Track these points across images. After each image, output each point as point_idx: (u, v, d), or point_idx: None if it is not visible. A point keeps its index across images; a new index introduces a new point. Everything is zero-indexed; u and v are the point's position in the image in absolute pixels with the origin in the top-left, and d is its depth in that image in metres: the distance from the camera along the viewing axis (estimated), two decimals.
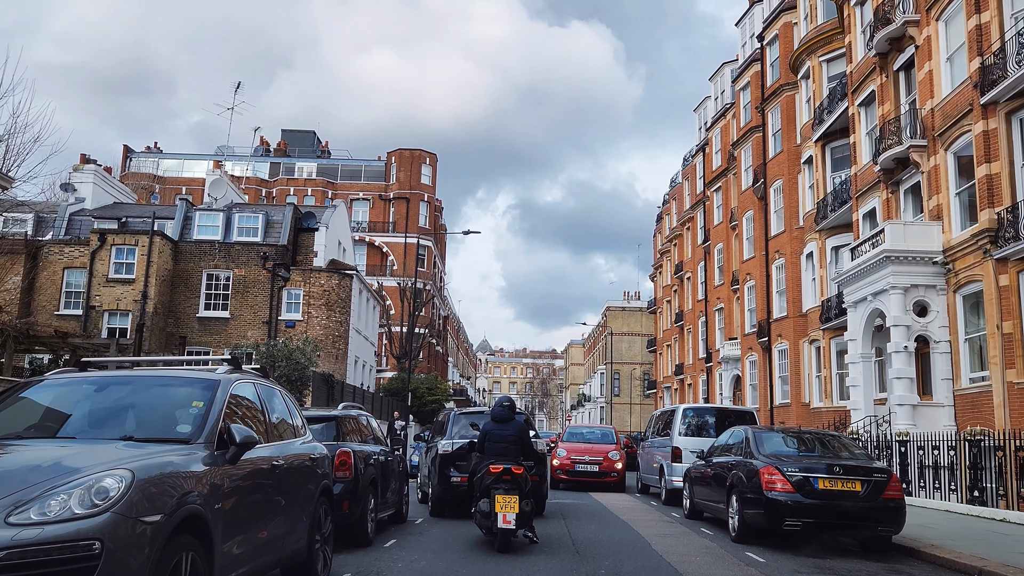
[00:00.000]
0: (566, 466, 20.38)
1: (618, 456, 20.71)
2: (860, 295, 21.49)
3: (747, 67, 38.37)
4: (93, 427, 4.90)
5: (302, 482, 6.35)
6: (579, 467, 20.29)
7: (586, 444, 21.54)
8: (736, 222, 39.83)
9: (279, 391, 6.77)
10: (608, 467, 20.40)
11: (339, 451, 9.05)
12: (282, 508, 5.80)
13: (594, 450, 20.83)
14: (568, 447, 21.18)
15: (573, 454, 20.60)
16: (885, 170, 22.15)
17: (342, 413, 9.90)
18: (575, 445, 21.40)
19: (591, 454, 20.56)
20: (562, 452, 20.86)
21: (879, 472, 9.78)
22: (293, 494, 6.12)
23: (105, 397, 5.21)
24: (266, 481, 5.50)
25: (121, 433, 4.73)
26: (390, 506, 11.16)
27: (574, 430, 23.86)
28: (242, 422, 5.48)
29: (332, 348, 31.63)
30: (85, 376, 5.49)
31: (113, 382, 5.40)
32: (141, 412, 5.12)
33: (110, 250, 29.78)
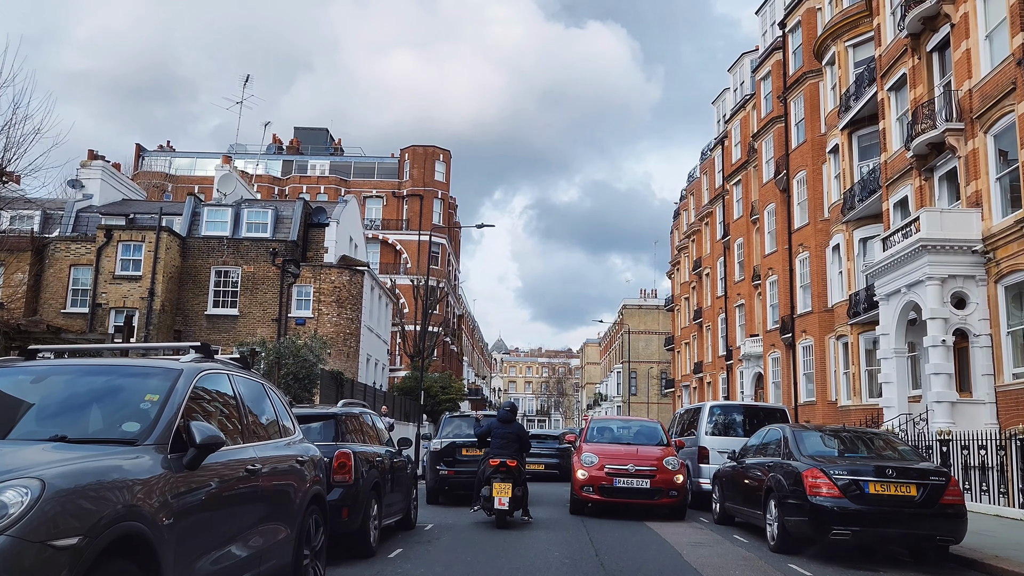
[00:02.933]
0: (600, 481, 13.09)
1: (677, 465, 13.43)
2: (893, 287, 20.45)
3: (768, 56, 37.28)
4: (21, 425, 4.07)
5: (287, 488, 5.52)
6: (620, 482, 13.04)
7: (624, 446, 14.25)
8: (757, 216, 38.75)
9: (263, 385, 5.94)
10: (665, 482, 13.11)
11: (338, 452, 8.21)
12: (260, 520, 4.97)
13: (640, 455, 13.55)
14: (598, 451, 13.69)
15: (609, 462, 13.24)
16: (918, 156, 21.09)
17: (342, 411, 9.06)
18: (608, 448, 13.99)
19: (636, 461, 13.29)
20: (590, 458, 13.39)
21: (936, 475, 8.82)
22: (275, 503, 5.28)
23: (41, 390, 4.38)
24: (239, 489, 4.66)
25: (52, 432, 3.89)
26: (396, 512, 10.31)
27: (602, 424, 15.96)
28: (210, 420, 4.64)
29: (343, 346, 30.87)
30: (23, 365, 4.67)
31: (54, 372, 4.57)
32: (81, 407, 4.28)
33: (116, 247, 29.16)
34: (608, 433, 15.29)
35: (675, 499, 13.21)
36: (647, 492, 13.09)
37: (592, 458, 13.42)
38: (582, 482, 13.28)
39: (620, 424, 16.39)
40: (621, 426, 16.10)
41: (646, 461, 13.32)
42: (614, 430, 15.58)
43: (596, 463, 13.31)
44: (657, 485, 13.04)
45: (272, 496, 5.19)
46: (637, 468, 13.15)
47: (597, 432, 15.20)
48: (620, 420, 18.26)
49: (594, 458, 13.40)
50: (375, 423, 10.29)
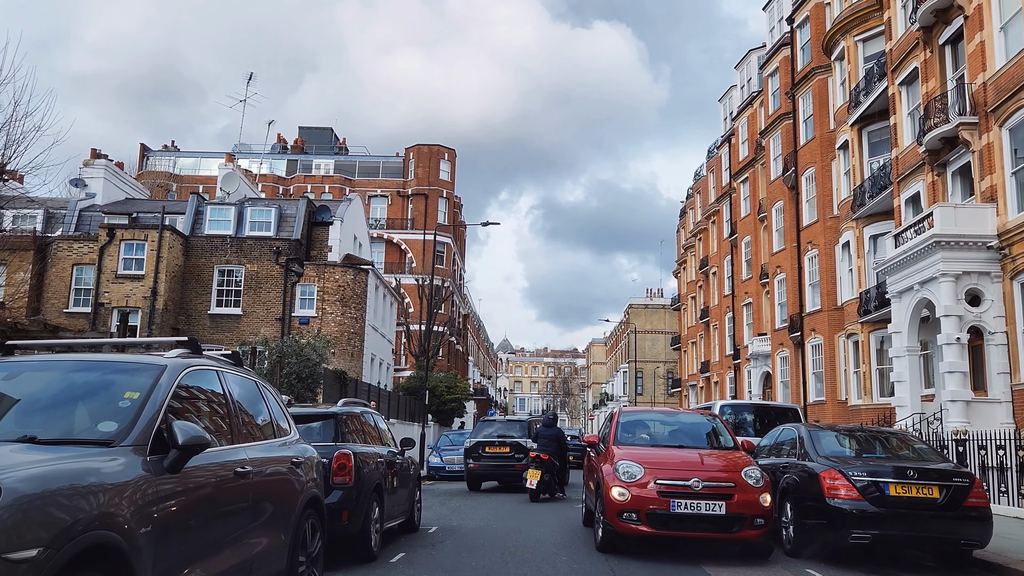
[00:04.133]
0: (649, 504, 8.84)
1: (760, 478, 9.09)
2: (905, 284, 20.09)
3: (776, 52, 36.90)
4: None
5: (281, 492, 5.23)
6: (681, 506, 8.77)
7: (674, 450, 9.90)
8: (765, 213, 38.37)
9: (257, 382, 5.64)
10: (746, 505, 8.81)
11: (337, 453, 7.92)
12: (251, 525, 4.67)
13: (705, 465, 9.30)
14: (640, 457, 9.46)
15: (660, 475, 9.00)
16: (931, 151, 20.71)
17: (342, 410, 8.76)
18: (654, 454, 9.69)
19: (701, 473, 8.97)
20: (630, 469, 9.16)
21: (959, 476, 8.49)
22: (268, 507, 4.99)
23: (13, 387, 4.08)
24: (227, 493, 4.37)
25: (21, 433, 3.60)
26: (399, 514, 10.02)
27: (634, 418, 11.40)
28: (197, 419, 4.34)
29: (347, 345, 30.61)
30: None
31: (28, 369, 4.28)
32: (55, 406, 3.99)
33: (119, 245, 28.94)
34: (644, 431, 10.84)
35: (761, 530, 8.82)
36: (722, 521, 8.65)
37: (633, 469, 8.97)
38: (621, 505, 8.76)
39: (661, 418, 11.57)
40: (663, 420, 11.33)
41: (716, 473, 8.94)
42: (654, 426, 11.02)
43: (640, 477, 8.87)
44: (736, 510, 8.62)
45: (264, 500, 4.90)
46: (706, 485, 8.67)
47: (629, 430, 10.60)
48: (660, 413, 12.37)
49: (636, 469, 8.96)
50: (377, 423, 9.99)
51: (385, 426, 10.55)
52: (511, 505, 15.43)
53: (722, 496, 8.71)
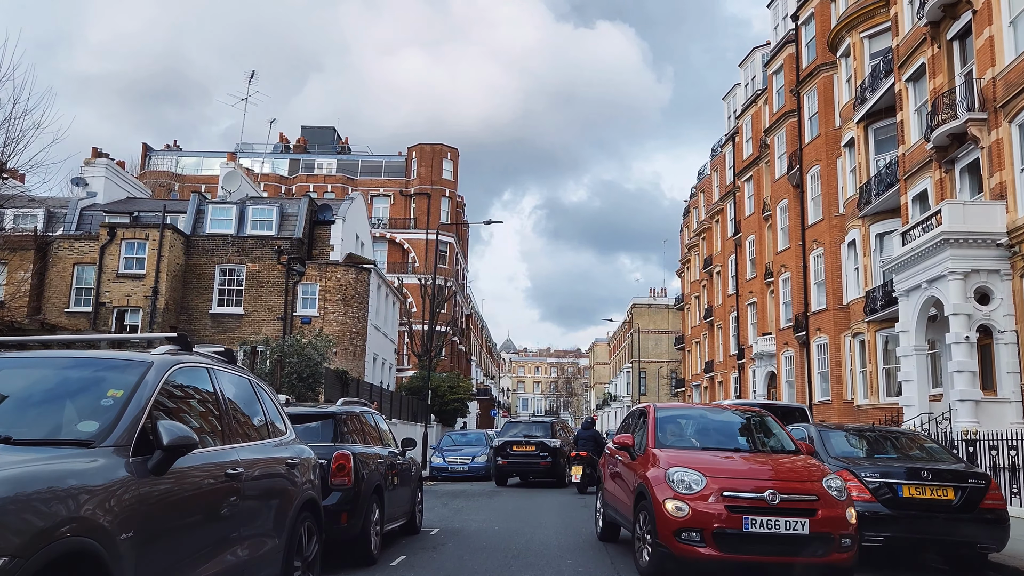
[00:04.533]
0: (714, 521, 7.15)
1: (843, 489, 7.61)
2: (913, 283, 19.85)
3: (780, 50, 36.65)
4: None
5: (275, 494, 5.03)
6: (755, 524, 7.10)
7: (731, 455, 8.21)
8: (769, 212, 38.14)
9: (250, 380, 5.45)
10: (832, 522, 7.22)
11: (336, 454, 7.72)
12: (243, 529, 4.48)
13: (778, 472, 7.65)
14: (693, 462, 7.76)
15: (726, 485, 7.34)
16: (938, 147, 20.48)
17: (341, 409, 8.56)
18: (707, 459, 7.94)
19: (775, 483, 7.35)
20: (686, 477, 7.45)
21: (975, 477, 8.27)
22: (261, 510, 4.79)
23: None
24: (217, 495, 4.17)
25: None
26: (400, 516, 9.82)
27: (672, 414, 9.52)
28: (185, 418, 4.15)
29: (349, 345, 30.43)
30: None
31: (6, 365, 4.08)
32: (34, 404, 3.80)
33: (120, 244, 28.80)
34: (687, 431, 9.06)
35: (849, 552, 7.25)
36: (805, 543, 7.05)
37: (691, 477, 7.32)
38: (679, 523, 7.10)
39: (703, 415, 9.67)
40: (706, 418, 9.50)
41: (794, 484, 7.34)
42: (697, 425, 9.20)
43: (701, 487, 7.20)
44: (821, 528, 7.06)
45: (257, 502, 4.70)
46: (784, 498, 7.11)
47: (669, 429, 8.86)
48: (702, 409, 10.22)
49: (695, 477, 7.31)
50: (377, 423, 9.80)
51: (386, 426, 10.35)
52: (514, 506, 15.23)
53: (804, 512, 7.10)
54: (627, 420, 10.40)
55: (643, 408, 9.67)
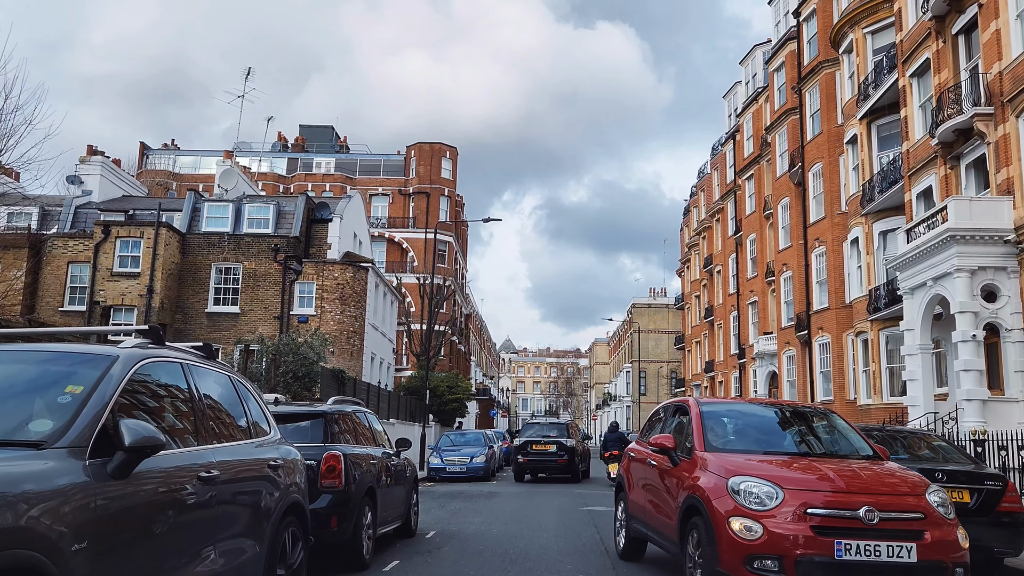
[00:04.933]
0: (797, 545, 5.74)
1: (950, 506, 6.34)
2: (918, 280, 19.55)
3: (782, 46, 36.34)
4: None
5: (256, 497, 4.72)
6: (850, 549, 5.72)
7: (804, 461, 6.71)
8: (770, 210, 37.83)
9: (231, 377, 5.14)
10: (942, 547, 5.91)
11: (326, 455, 7.42)
12: (218, 536, 4.17)
13: (870, 486, 6.15)
14: (762, 470, 6.34)
15: (809, 499, 5.96)
16: (944, 143, 20.18)
17: (332, 409, 8.24)
18: (776, 465, 6.49)
19: (870, 496, 5.97)
20: (757, 489, 6.05)
21: (992, 479, 7.96)
22: (239, 514, 4.49)
23: None
24: (188, 500, 3.86)
25: None
26: (394, 519, 9.51)
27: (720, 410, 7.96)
28: (155, 417, 3.84)
29: (347, 344, 30.12)
30: None
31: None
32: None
33: (114, 243, 28.48)
34: (742, 431, 7.48)
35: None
36: (912, 573, 5.77)
37: (763, 488, 5.99)
38: (750, 547, 5.79)
39: (757, 412, 8.09)
40: (762, 416, 7.98)
41: (894, 499, 6.01)
42: (753, 424, 7.69)
43: (777, 502, 5.89)
44: (931, 555, 5.78)
45: (235, 507, 4.40)
46: (884, 516, 5.81)
47: (719, 429, 7.38)
48: (755, 405, 8.46)
49: (768, 489, 5.97)
50: (371, 422, 9.48)
51: (380, 426, 10.04)
52: (513, 508, 14.93)
53: (909, 534, 5.73)
54: (657, 418, 8.84)
55: (680, 403, 8.09)
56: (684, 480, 6.75)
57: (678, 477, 6.93)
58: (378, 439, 9.49)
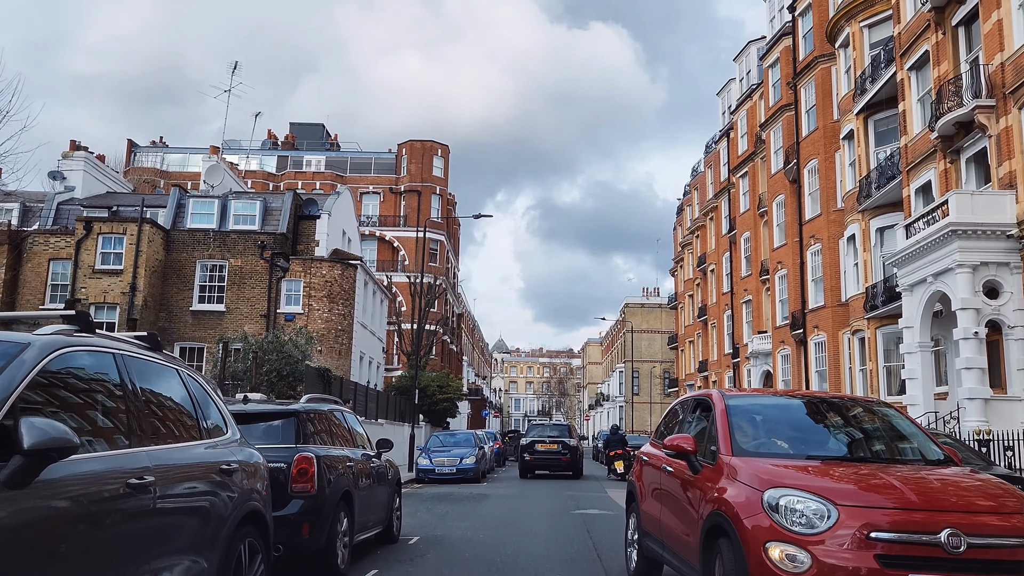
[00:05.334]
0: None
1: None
2: (918, 277, 19.12)
3: (776, 42, 35.92)
4: None
5: (204, 506, 4.19)
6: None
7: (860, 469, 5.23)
8: (765, 208, 37.40)
9: (179, 371, 4.60)
10: None
11: (297, 457, 6.88)
12: (153, 554, 3.63)
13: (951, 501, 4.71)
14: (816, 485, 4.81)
15: (871, 518, 4.49)
16: (943, 137, 19.75)
17: (305, 407, 7.68)
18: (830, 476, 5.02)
19: (950, 514, 4.50)
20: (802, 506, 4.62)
21: (1016, 483, 7.46)
22: (183, 527, 3.95)
23: None
24: (113, 511, 3.33)
25: None
26: (374, 524, 8.97)
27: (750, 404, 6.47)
28: (72, 414, 3.30)
29: (334, 343, 29.54)
30: None
31: None
32: None
33: (96, 239, 27.82)
34: (778, 430, 6.14)
35: None
36: None
37: (811, 505, 4.61)
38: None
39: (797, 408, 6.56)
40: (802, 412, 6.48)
41: (980, 516, 4.60)
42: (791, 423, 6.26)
43: (831, 524, 4.49)
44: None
45: (176, 518, 3.86)
46: (973, 542, 4.39)
47: (749, 428, 6.01)
48: (791, 399, 6.83)
49: (819, 506, 4.58)
50: (349, 422, 8.93)
51: (360, 426, 9.50)
52: (503, 512, 14.41)
53: (1008, 567, 4.37)
54: (674, 416, 7.36)
55: (701, 397, 6.69)
56: (707, 491, 5.41)
57: (700, 488, 5.60)
58: (357, 440, 8.95)
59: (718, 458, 5.53)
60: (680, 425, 6.94)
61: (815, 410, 6.50)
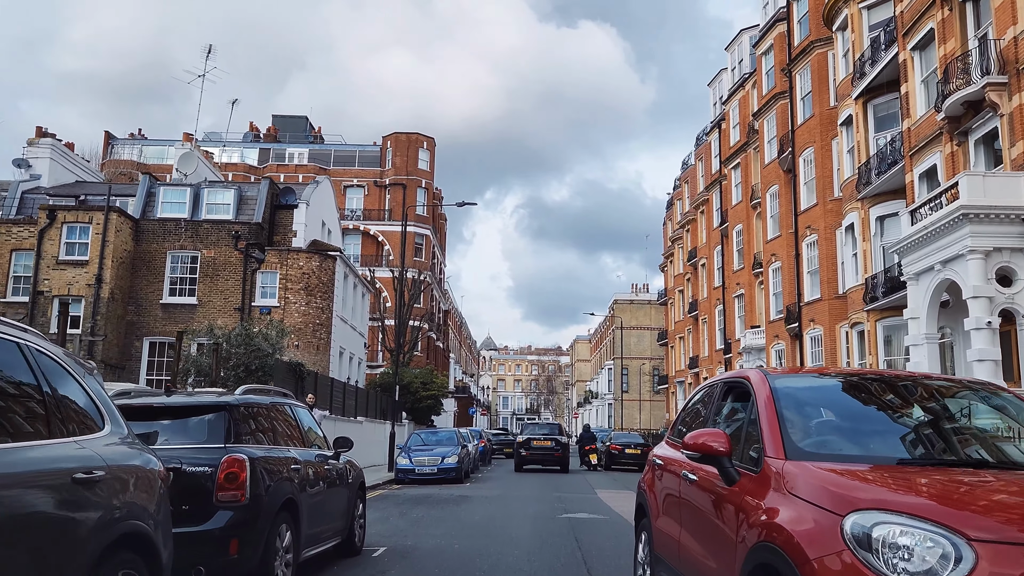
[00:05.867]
0: None
1: None
2: (924, 264, 18.08)
3: (770, 28, 34.93)
4: None
5: (46, 530, 3.01)
6: None
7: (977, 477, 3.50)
8: (758, 199, 36.41)
9: (21, 345, 3.40)
10: None
11: (225, 459, 5.70)
12: None
13: None
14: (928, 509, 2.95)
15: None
16: (951, 118, 18.74)
17: (238, 399, 6.45)
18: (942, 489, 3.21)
19: None
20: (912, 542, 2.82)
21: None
22: (13, 559, 2.78)
23: None
24: None
25: None
26: (330, 535, 7.79)
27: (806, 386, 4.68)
28: None
29: (312, 337, 28.31)
30: None
31: None
32: None
33: (61, 228, 26.48)
34: (844, 423, 4.30)
35: None
36: None
37: (927, 538, 2.83)
38: None
39: (865, 392, 4.64)
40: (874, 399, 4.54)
41: None
42: (861, 415, 4.39)
43: (969, 571, 2.68)
44: None
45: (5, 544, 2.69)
46: None
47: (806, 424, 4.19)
48: (865, 379, 4.86)
49: (942, 541, 2.79)
50: (300, 418, 7.72)
51: (315, 423, 8.32)
52: (483, 516, 13.25)
53: None
54: (697, 406, 5.75)
55: (735, 380, 4.90)
56: (750, 512, 3.75)
57: (738, 505, 3.93)
58: (310, 439, 7.76)
59: (764, 463, 3.84)
60: (705, 419, 5.30)
61: (899, 395, 4.56)
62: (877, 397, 4.56)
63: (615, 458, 30.99)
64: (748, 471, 3.99)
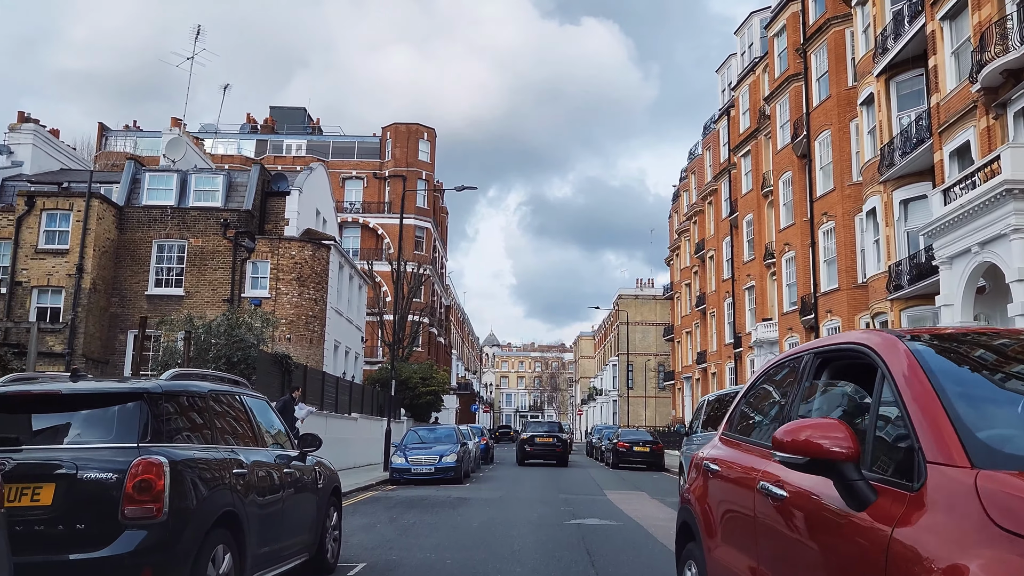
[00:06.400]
0: None
1: None
2: (960, 247, 16.72)
3: (783, 8, 33.50)
4: None
5: None
6: None
7: None
8: (770, 187, 35.01)
9: None
10: None
11: (136, 464, 4.36)
12: None
13: None
14: None
15: None
16: (987, 89, 17.35)
17: (161, 386, 5.07)
18: None
19: None
20: None
21: None
22: None
23: None
24: None
25: None
26: (295, 552, 6.45)
27: (983, 360, 2.94)
28: None
29: (305, 330, 27.00)
30: None
31: None
32: None
33: (40, 216, 25.21)
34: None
35: None
36: None
37: None
38: None
39: None
40: None
41: None
42: None
43: None
44: None
45: None
46: None
47: (996, 407, 2.59)
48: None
49: None
50: (253, 411, 6.36)
51: (276, 418, 6.97)
52: (481, 522, 11.92)
53: None
54: (771, 386, 4.22)
55: (845, 347, 3.28)
56: (908, 560, 2.16)
57: (873, 543, 2.37)
58: (267, 437, 6.42)
59: (927, 474, 2.32)
60: (786, 406, 3.65)
61: None
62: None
63: (623, 456, 29.69)
64: (891, 486, 2.46)
